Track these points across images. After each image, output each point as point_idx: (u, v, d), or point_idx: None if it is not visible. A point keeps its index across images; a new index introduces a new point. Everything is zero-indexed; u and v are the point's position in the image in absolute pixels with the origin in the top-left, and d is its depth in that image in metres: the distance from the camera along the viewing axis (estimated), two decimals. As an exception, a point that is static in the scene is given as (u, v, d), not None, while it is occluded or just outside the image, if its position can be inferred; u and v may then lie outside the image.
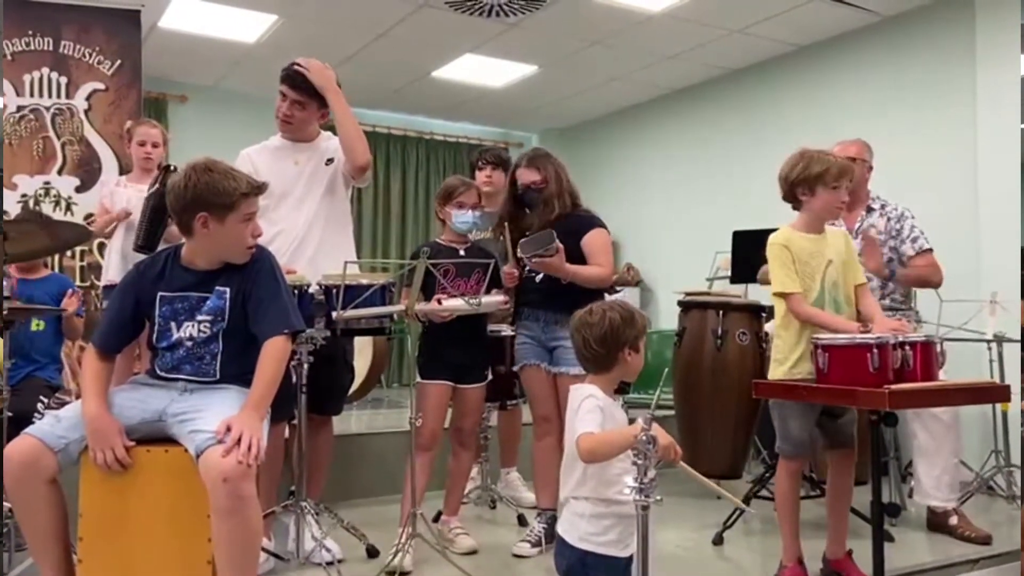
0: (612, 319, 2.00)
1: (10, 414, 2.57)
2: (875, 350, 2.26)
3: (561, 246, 2.95)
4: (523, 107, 7.52)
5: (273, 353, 2.17)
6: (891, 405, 2.16)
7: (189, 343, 2.23)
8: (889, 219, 3.49)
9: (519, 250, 3.02)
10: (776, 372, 2.67)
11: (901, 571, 2.83)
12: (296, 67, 3.01)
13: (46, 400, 3.23)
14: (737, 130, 6.40)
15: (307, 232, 3.03)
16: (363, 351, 5.33)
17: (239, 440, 1.94)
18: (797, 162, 2.66)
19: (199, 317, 2.23)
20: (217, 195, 2.17)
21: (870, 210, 3.51)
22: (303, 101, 3.03)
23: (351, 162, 3.04)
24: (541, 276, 3.09)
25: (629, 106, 7.41)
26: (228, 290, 2.24)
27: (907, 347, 2.30)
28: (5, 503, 2.32)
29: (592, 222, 3.18)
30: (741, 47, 5.88)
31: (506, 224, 3.16)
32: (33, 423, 3.02)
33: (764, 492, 3.66)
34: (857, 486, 2.87)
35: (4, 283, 2.49)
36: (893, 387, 2.18)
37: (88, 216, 4.67)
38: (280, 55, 3.09)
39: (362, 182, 3.15)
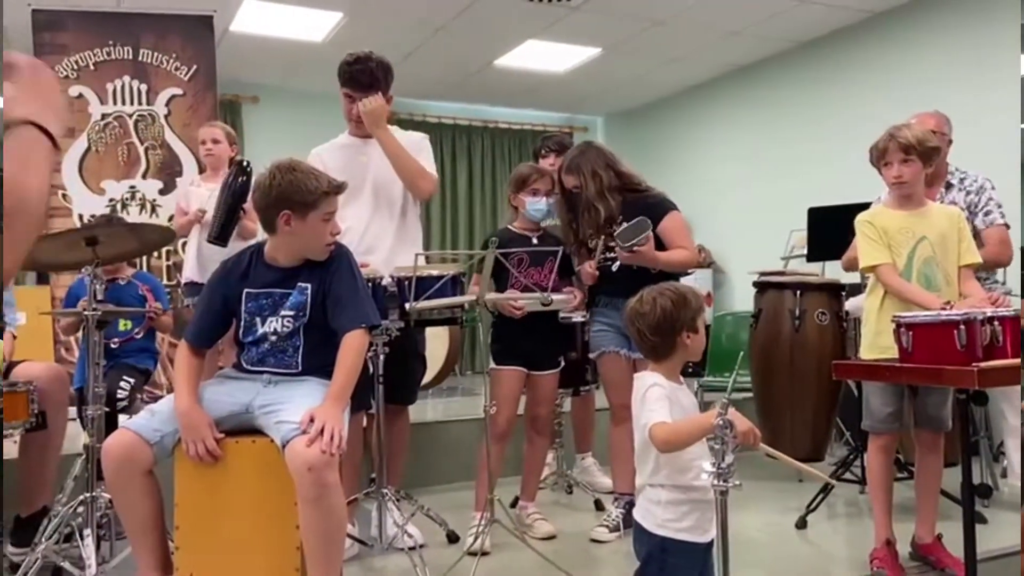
0: (663, 306, 1.94)
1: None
2: (962, 327, 2.17)
3: (651, 235, 2.94)
4: (587, 91, 7.47)
5: (352, 346, 2.23)
6: (981, 384, 2.08)
7: (273, 337, 2.31)
8: (968, 193, 3.32)
9: (618, 239, 2.98)
10: (861, 349, 2.67)
11: (994, 554, 2.73)
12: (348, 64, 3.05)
13: (131, 380, 3.33)
14: (807, 104, 6.22)
15: (376, 227, 3.08)
16: (440, 337, 5.42)
17: (322, 430, 2.00)
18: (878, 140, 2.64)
19: (282, 312, 2.31)
20: (300, 194, 2.24)
21: (949, 186, 3.35)
22: None
23: (416, 195, 3.11)
24: (617, 264, 3.07)
25: (694, 85, 7.28)
26: (309, 286, 2.31)
27: (996, 323, 2.21)
28: (105, 494, 2.45)
29: (665, 206, 3.14)
30: (808, 18, 5.70)
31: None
32: (118, 401, 3.18)
33: (848, 475, 3.58)
34: (947, 467, 2.78)
35: (97, 287, 2.61)
36: (982, 364, 2.10)
37: (171, 217, 4.86)
38: (347, 53, 3.13)
39: None
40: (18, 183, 0.81)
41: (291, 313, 2.30)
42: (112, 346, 3.42)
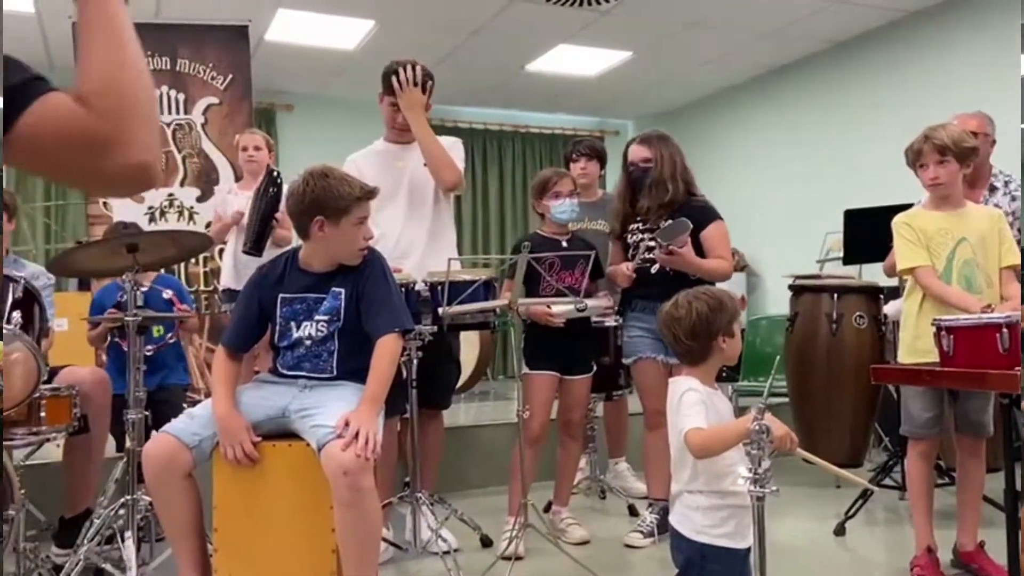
0: (699, 309, 1.91)
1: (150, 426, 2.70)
2: (1005, 330, 2.13)
3: (689, 239, 2.93)
4: (618, 95, 7.45)
5: (386, 351, 2.25)
6: (1025, 388, 2.04)
7: (308, 342, 2.33)
8: (1015, 199, 3.25)
9: (658, 237, 2.98)
10: (899, 353, 2.62)
11: (1041, 563, 2.66)
12: (394, 71, 3.08)
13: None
14: (841, 106, 6.14)
15: (410, 232, 3.11)
16: (470, 341, 5.43)
17: (357, 435, 2.02)
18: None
19: (317, 317, 2.33)
20: (333, 200, 2.27)
21: (992, 189, 3.28)
22: None
23: (440, 184, 3.11)
24: (656, 267, 3.06)
25: (726, 87, 7.23)
26: (343, 291, 2.34)
27: (1040, 326, 2.16)
28: (145, 497, 2.49)
29: (711, 214, 3.13)
30: (842, 19, 5.64)
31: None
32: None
33: (888, 480, 3.52)
34: (990, 472, 2.73)
35: (137, 294, 2.65)
36: (1027, 368, 2.05)
37: (208, 224, 4.94)
38: (379, 60, 3.16)
39: (458, 191, 3.21)
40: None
41: (325, 318, 2.32)
42: (147, 353, 3.45)
